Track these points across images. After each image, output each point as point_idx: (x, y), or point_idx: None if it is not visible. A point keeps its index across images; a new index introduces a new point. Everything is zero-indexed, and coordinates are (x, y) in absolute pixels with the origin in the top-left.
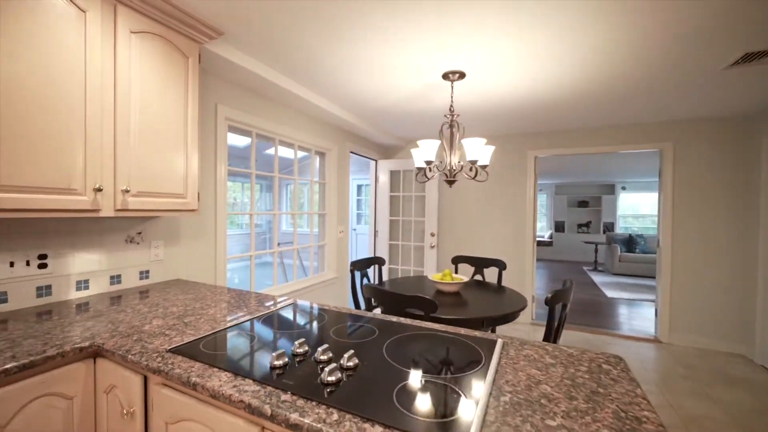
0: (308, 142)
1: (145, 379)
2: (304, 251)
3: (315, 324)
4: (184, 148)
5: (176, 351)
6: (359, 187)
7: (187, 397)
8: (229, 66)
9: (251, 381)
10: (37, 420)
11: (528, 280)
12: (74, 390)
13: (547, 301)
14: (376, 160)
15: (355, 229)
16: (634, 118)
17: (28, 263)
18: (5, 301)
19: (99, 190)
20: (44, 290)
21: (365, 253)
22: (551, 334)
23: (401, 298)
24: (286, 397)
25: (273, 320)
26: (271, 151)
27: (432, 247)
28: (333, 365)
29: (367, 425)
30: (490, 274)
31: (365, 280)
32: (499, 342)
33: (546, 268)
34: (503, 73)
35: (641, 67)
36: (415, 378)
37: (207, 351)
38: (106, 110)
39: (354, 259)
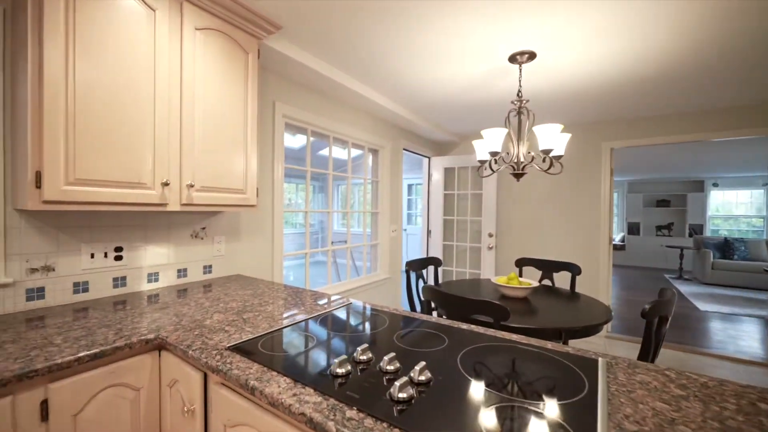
0: (362, 139)
1: (205, 376)
2: (357, 251)
3: (376, 327)
4: (243, 143)
5: (235, 349)
6: (409, 186)
7: (245, 401)
8: (286, 62)
9: (312, 390)
10: (107, 409)
11: (603, 288)
12: (141, 381)
13: (644, 314)
14: (429, 158)
15: (405, 230)
16: (731, 100)
17: (106, 255)
18: (87, 290)
19: (166, 184)
20: (120, 281)
21: (416, 254)
22: (648, 353)
23: (468, 303)
24: (351, 413)
25: (331, 321)
26: (324, 152)
27: (490, 248)
28: (404, 379)
29: None
30: (560, 280)
31: (420, 282)
32: (601, 361)
33: (617, 275)
34: (578, 51)
35: (743, 38)
36: (504, 402)
37: (265, 351)
38: (172, 107)
39: (405, 259)
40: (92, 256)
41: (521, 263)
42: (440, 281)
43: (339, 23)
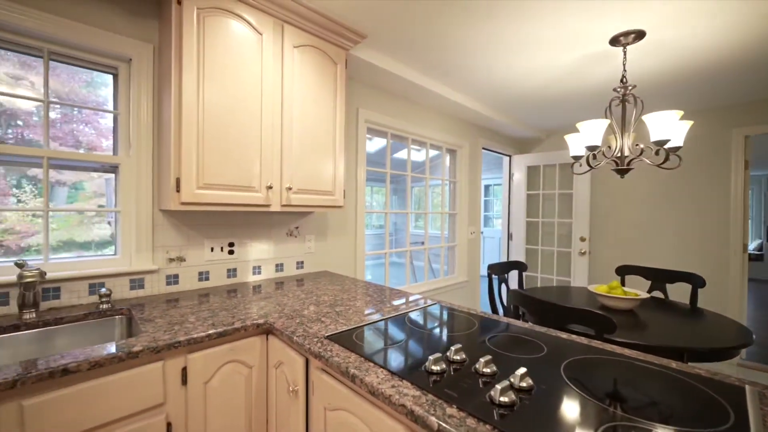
0: (439, 139)
1: (307, 361)
2: (433, 253)
3: (465, 329)
4: (333, 149)
5: (333, 339)
6: (486, 187)
7: (344, 387)
8: (369, 69)
9: (409, 384)
10: (228, 381)
11: (734, 305)
12: (253, 360)
13: None
14: (510, 156)
15: (482, 232)
16: None
17: (222, 249)
18: (208, 279)
19: (270, 187)
20: (231, 272)
21: (493, 259)
22: None
23: (566, 311)
24: (451, 410)
25: (419, 319)
26: (399, 154)
27: (582, 253)
28: (505, 383)
29: None
30: (674, 292)
31: (502, 286)
32: (750, 390)
33: (753, 291)
34: (699, 24)
35: None
36: (624, 422)
37: (360, 343)
38: (275, 118)
39: (482, 264)
40: (212, 249)
41: (624, 271)
42: (524, 287)
43: (420, 26)
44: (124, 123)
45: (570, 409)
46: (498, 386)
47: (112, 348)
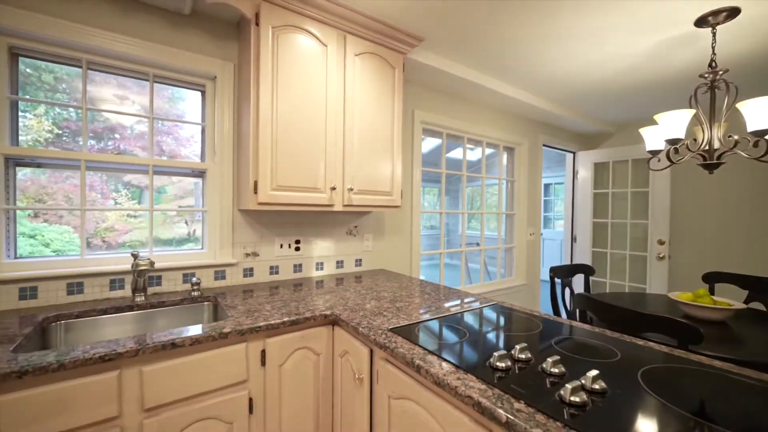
0: (496, 137)
1: (371, 351)
2: (489, 256)
3: (529, 330)
4: (391, 150)
5: (396, 331)
6: (546, 186)
7: (409, 378)
8: (425, 70)
9: (474, 377)
10: (299, 366)
11: None
12: (320, 348)
13: None
14: (574, 153)
15: (541, 234)
16: None
17: (290, 246)
18: (277, 273)
19: (333, 188)
20: (297, 267)
21: (553, 262)
22: None
23: (642, 318)
24: (519, 405)
25: (480, 317)
26: (453, 153)
27: (661, 257)
28: (575, 383)
29: None
30: None
31: (566, 291)
32: None
33: None
34: None
35: None
36: None
37: (423, 336)
38: (338, 123)
39: (542, 267)
40: (281, 246)
41: (713, 278)
42: (590, 293)
43: (476, 24)
44: (209, 133)
45: (650, 416)
46: (568, 386)
47: (206, 328)
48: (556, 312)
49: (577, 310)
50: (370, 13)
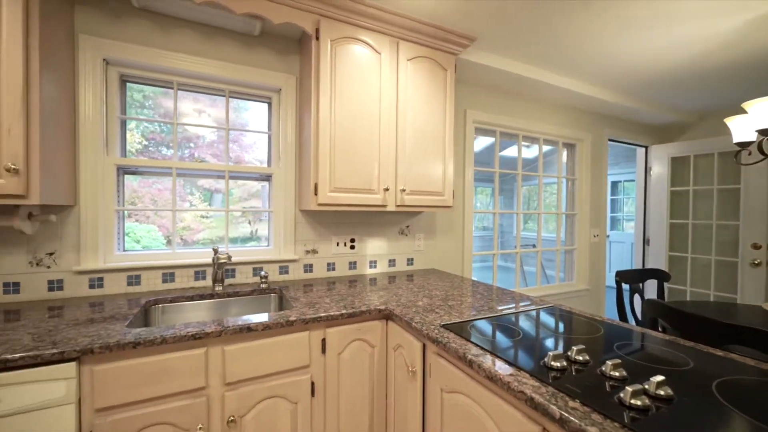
0: (554, 133)
1: (424, 346)
2: (546, 258)
3: (589, 333)
4: (442, 151)
5: (448, 327)
6: (613, 184)
7: (461, 372)
8: (477, 69)
9: (527, 374)
10: (356, 356)
11: None
12: (375, 341)
13: None
14: (646, 147)
15: (608, 236)
16: None
17: (345, 244)
18: (334, 269)
19: (386, 189)
20: (352, 265)
21: (621, 266)
22: None
23: (723, 327)
24: (574, 404)
25: (535, 318)
26: (507, 151)
27: (756, 264)
28: (637, 386)
29: None
30: None
31: (635, 297)
32: None
33: None
34: None
35: None
36: None
37: (475, 333)
38: (390, 126)
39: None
40: (337, 244)
41: None
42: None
43: (534, 17)
44: (275, 141)
45: (724, 428)
46: (629, 388)
47: (275, 316)
48: (623, 319)
49: (648, 318)
50: (422, 18)
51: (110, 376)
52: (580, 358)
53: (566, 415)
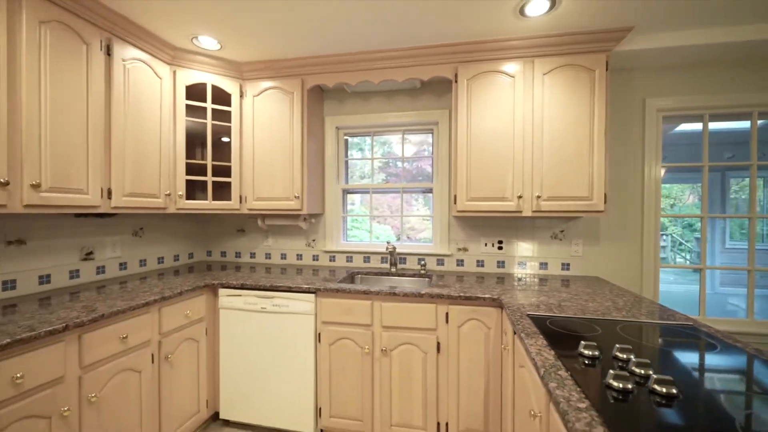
0: None
1: (514, 332)
2: None
3: None
4: (588, 154)
5: (531, 317)
6: None
7: (522, 349)
8: (647, 54)
9: None
10: (473, 331)
11: None
12: (491, 323)
13: None
14: None
15: None
16: None
17: (493, 245)
18: (483, 266)
19: (520, 197)
20: (500, 264)
21: None
22: None
23: None
24: None
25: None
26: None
27: None
28: None
29: None
30: None
31: None
32: None
33: None
34: None
35: None
36: None
37: (553, 328)
38: (525, 138)
39: None
40: (485, 244)
41: None
42: None
43: None
44: (435, 162)
45: None
46: None
47: (412, 289)
48: None
49: None
50: (559, 30)
51: (328, 305)
52: None
53: None
